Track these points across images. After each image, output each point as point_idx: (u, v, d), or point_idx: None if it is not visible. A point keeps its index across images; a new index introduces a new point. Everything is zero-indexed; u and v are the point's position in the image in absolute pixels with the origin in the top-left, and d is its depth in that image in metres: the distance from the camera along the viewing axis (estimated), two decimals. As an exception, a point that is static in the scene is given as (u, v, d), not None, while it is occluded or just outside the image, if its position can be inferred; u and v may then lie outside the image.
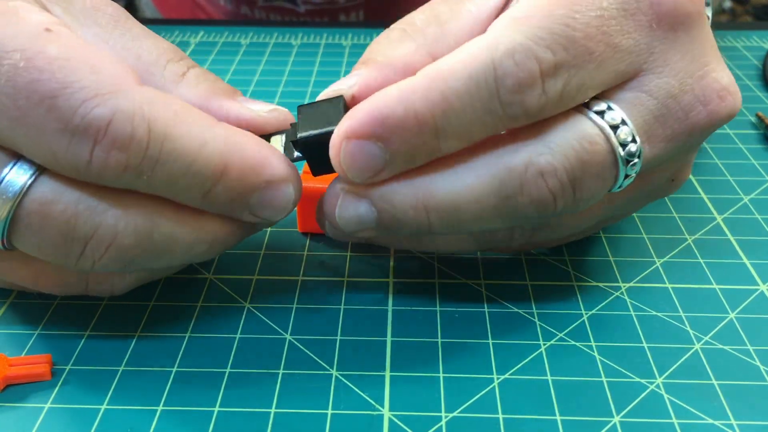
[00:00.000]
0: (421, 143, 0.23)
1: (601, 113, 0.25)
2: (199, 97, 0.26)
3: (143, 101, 0.22)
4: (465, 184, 0.24)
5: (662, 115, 0.25)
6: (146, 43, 0.26)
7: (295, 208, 0.31)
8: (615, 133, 0.24)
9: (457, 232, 0.26)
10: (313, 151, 0.25)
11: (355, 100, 0.25)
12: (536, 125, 0.24)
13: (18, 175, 0.23)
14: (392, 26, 0.28)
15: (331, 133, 0.24)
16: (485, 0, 0.27)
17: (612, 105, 0.25)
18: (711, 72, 0.26)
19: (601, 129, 0.24)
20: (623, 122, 0.25)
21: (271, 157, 0.24)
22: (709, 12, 0.33)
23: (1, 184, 0.22)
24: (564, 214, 0.25)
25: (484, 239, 0.29)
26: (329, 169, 0.25)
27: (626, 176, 0.25)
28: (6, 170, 0.23)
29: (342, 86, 0.26)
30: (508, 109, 0.23)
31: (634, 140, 0.25)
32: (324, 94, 0.26)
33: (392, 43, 0.27)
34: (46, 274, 0.26)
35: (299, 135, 0.25)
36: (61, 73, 0.21)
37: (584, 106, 0.25)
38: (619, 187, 0.26)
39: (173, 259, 0.25)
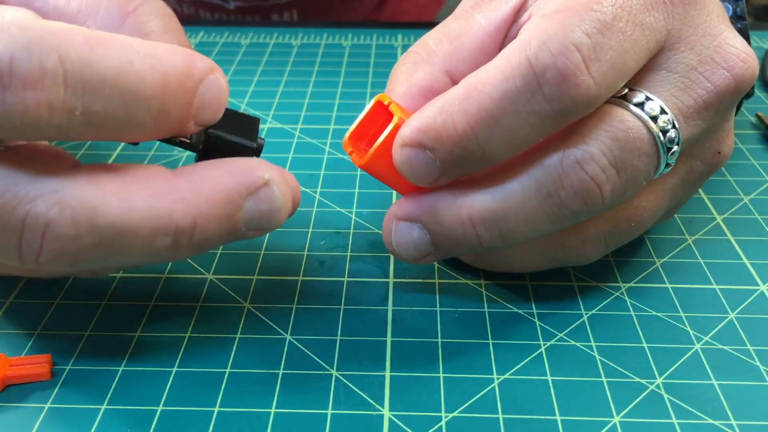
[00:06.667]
0: (465, 152, 0.24)
1: (623, 96, 0.25)
2: None
3: (44, 32, 0.20)
4: (504, 190, 0.25)
5: (686, 87, 0.26)
6: None
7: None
8: (642, 109, 0.25)
9: (509, 243, 0.26)
10: (212, 152, 0.25)
11: None
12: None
13: None
14: (409, 50, 0.28)
15: (240, 145, 0.25)
16: (494, 12, 0.27)
17: (633, 87, 0.25)
18: (726, 40, 0.26)
19: (625, 107, 0.25)
20: (648, 98, 0.25)
21: (191, 54, 0.23)
22: None
23: None
24: (615, 203, 0.25)
25: (555, 254, 0.28)
26: None
27: (669, 150, 0.25)
28: None
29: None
30: (556, 104, 0.23)
31: (663, 111, 0.25)
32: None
33: (409, 70, 0.27)
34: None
35: (215, 131, 0.25)
36: None
37: (622, 98, 0.25)
38: (665, 164, 0.26)
39: (131, 256, 0.22)
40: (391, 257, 0.32)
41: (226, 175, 0.23)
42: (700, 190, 0.36)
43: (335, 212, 0.35)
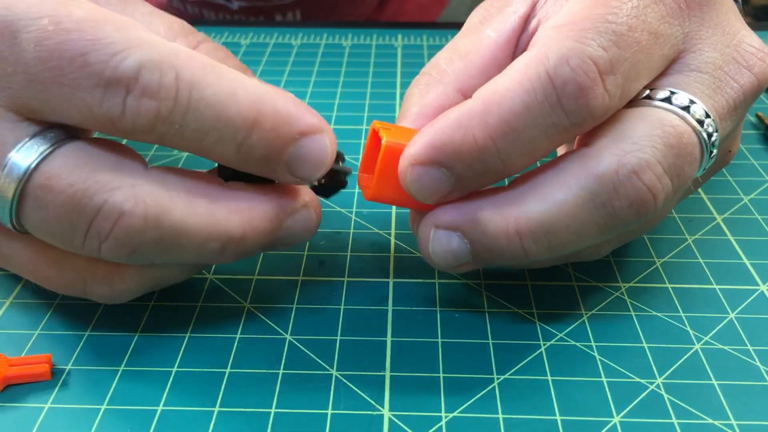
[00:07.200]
0: (485, 167, 0.24)
1: (667, 99, 0.25)
2: None
3: (170, 52, 0.22)
4: (554, 201, 0.24)
5: (718, 87, 0.26)
6: (154, 19, 0.27)
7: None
8: (689, 112, 0.25)
9: (555, 254, 0.25)
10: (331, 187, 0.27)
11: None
12: (611, 126, 0.24)
13: (28, 154, 0.23)
14: (421, 71, 0.28)
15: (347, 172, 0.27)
16: (504, 23, 0.27)
17: (674, 90, 0.25)
18: (744, 39, 0.27)
19: (674, 112, 0.25)
20: (692, 102, 0.25)
21: (304, 108, 0.24)
22: None
23: (8, 165, 0.23)
24: (665, 208, 0.25)
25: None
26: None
27: (710, 153, 0.26)
28: (16, 150, 0.23)
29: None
30: (573, 117, 0.23)
31: (707, 115, 0.25)
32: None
33: (421, 92, 0.27)
34: (45, 265, 0.26)
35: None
36: (89, 32, 0.22)
37: (648, 98, 0.25)
38: (704, 168, 0.26)
39: (182, 255, 0.24)
40: (392, 257, 0.32)
41: (276, 195, 0.25)
42: (699, 190, 0.36)
43: (335, 212, 0.35)
